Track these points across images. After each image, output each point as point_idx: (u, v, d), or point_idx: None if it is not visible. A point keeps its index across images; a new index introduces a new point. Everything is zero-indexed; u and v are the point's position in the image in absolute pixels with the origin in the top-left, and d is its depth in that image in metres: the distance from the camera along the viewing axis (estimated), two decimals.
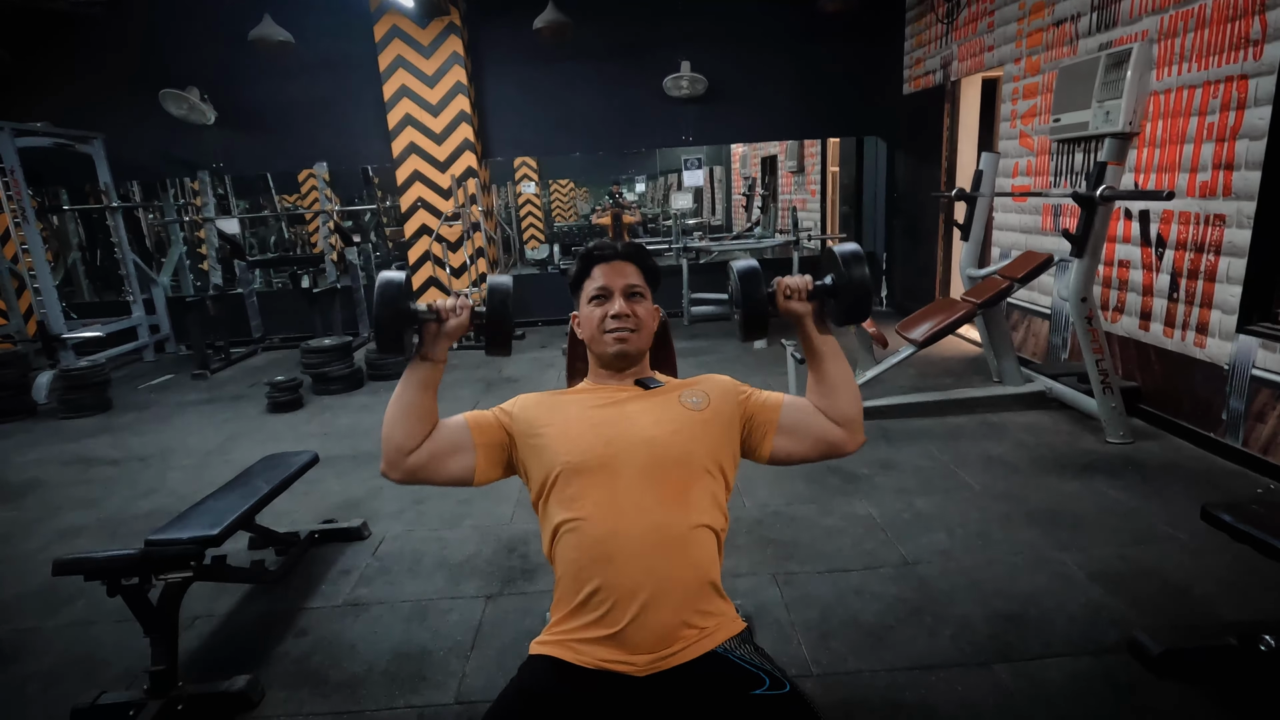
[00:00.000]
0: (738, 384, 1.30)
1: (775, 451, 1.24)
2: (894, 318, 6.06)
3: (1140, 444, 3.08)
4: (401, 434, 1.17)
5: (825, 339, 1.24)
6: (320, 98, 6.05)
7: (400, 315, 1.16)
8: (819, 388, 1.24)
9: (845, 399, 1.22)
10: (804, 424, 1.24)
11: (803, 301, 1.23)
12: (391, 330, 1.16)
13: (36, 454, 3.80)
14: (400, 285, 1.16)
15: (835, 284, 1.22)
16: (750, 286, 1.21)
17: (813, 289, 1.23)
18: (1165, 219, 3.15)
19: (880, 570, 2.22)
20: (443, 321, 1.19)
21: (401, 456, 1.17)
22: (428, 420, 1.19)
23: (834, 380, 1.22)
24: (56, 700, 1.81)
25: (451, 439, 1.20)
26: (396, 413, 1.18)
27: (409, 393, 1.19)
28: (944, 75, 5.20)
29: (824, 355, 1.23)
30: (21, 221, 4.83)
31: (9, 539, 2.78)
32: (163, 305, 6.21)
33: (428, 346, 1.20)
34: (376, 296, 1.14)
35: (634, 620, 1.07)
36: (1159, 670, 1.69)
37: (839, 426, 1.22)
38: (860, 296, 1.19)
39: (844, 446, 1.22)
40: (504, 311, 1.19)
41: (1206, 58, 2.88)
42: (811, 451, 1.23)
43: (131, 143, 5.96)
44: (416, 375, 1.20)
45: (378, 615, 2.14)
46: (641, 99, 6.18)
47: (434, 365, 1.21)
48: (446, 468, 1.20)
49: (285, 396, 4.31)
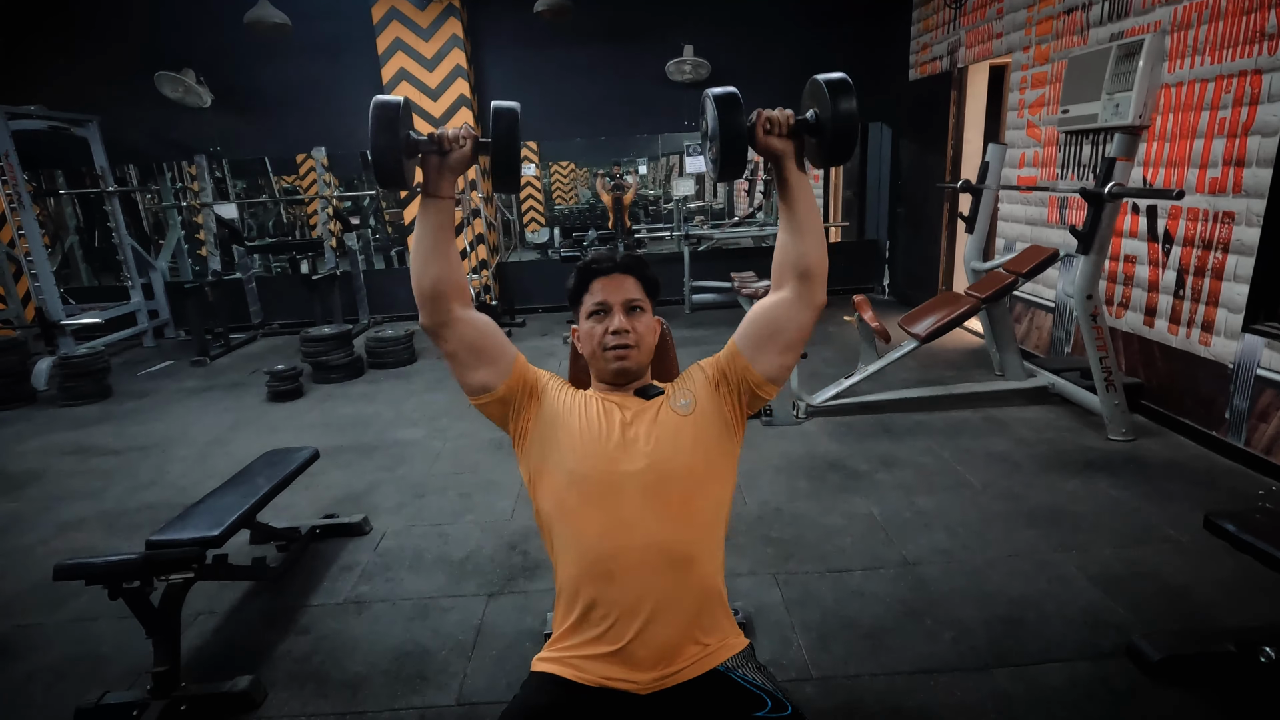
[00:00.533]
0: (705, 364, 1.27)
1: (766, 374, 1.20)
2: (896, 306, 6.04)
3: (1142, 441, 3.08)
4: (430, 279, 1.13)
5: (800, 179, 1.17)
6: (318, 81, 5.96)
7: (398, 144, 1.06)
8: (789, 227, 1.17)
9: (813, 244, 1.16)
10: (759, 331, 1.19)
11: (783, 138, 1.14)
12: (390, 160, 1.06)
13: (37, 443, 3.80)
14: (398, 109, 1.06)
15: (819, 119, 1.11)
16: (730, 115, 1.10)
17: (794, 124, 1.14)
18: (1173, 215, 3.12)
19: (881, 571, 2.23)
20: (445, 153, 1.11)
21: (433, 301, 1.14)
22: (452, 262, 1.15)
23: (804, 223, 1.16)
24: (60, 699, 1.82)
25: (494, 347, 1.19)
26: (417, 258, 1.14)
27: (425, 235, 1.13)
28: (951, 62, 5.12)
29: (798, 197, 1.16)
30: (17, 206, 4.79)
31: (11, 531, 2.79)
32: (161, 290, 6.18)
33: (432, 182, 1.13)
34: (372, 122, 1.04)
35: (636, 637, 1.07)
36: (1158, 676, 1.70)
37: (797, 281, 1.16)
38: (845, 134, 1.09)
39: (806, 307, 1.17)
40: (511, 139, 1.09)
41: (1220, 51, 2.83)
42: (788, 341, 1.19)
43: (127, 126, 5.89)
44: (428, 216, 1.13)
45: (379, 613, 2.14)
46: (644, 83, 6.10)
47: (441, 202, 1.14)
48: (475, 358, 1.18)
49: (285, 386, 4.30)
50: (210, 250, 6.28)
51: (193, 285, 5.52)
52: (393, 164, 1.07)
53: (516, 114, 1.10)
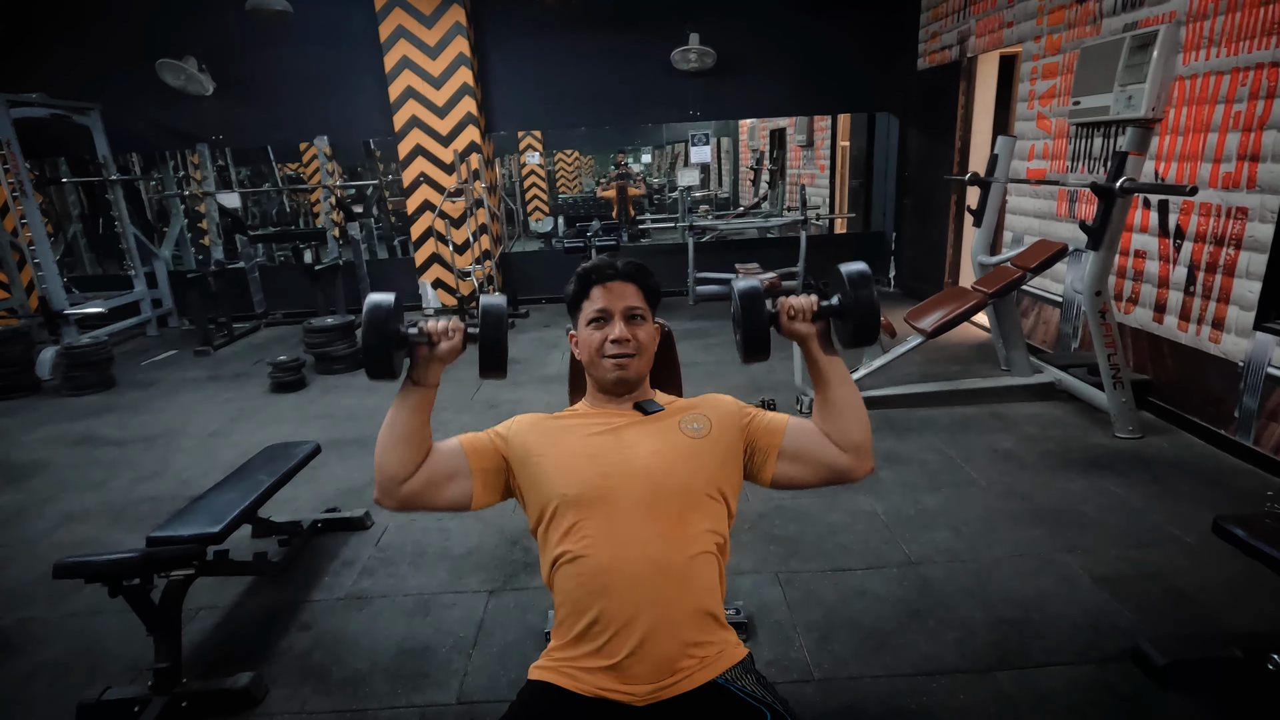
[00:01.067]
0: (741, 406, 1.26)
1: (778, 477, 1.21)
2: (901, 299, 5.99)
3: (1149, 439, 3.05)
4: (395, 462, 1.14)
5: (831, 361, 1.19)
6: (320, 69, 5.92)
7: (390, 339, 1.11)
8: (824, 411, 1.20)
9: (853, 424, 1.17)
10: (808, 449, 1.20)
11: (807, 323, 1.18)
12: (381, 355, 1.12)
13: (42, 433, 3.81)
14: (389, 309, 1.11)
15: (842, 305, 1.17)
16: (752, 308, 1.16)
17: (818, 309, 1.18)
18: (1185, 210, 3.07)
19: (884, 570, 2.21)
20: (434, 345, 1.15)
21: (396, 485, 1.15)
22: (421, 447, 1.16)
23: (841, 405, 1.18)
24: (63, 694, 1.82)
25: (447, 465, 1.18)
26: (388, 440, 1.15)
27: (401, 419, 1.15)
28: (960, 51, 5.05)
29: (830, 378, 1.19)
30: (20, 194, 4.77)
31: (14, 523, 2.80)
32: (164, 279, 6.18)
33: (419, 371, 1.16)
34: (364, 321, 1.10)
35: (633, 653, 1.05)
36: (1162, 681, 1.68)
37: (845, 453, 1.18)
38: (868, 318, 1.14)
39: (850, 474, 1.19)
40: (498, 335, 1.15)
41: (1236, 43, 2.77)
42: (815, 478, 1.20)
43: (129, 114, 5.86)
44: (408, 401, 1.16)
45: (380, 609, 2.14)
46: (648, 72, 6.04)
47: (425, 390, 1.17)
48: (443, 495, 1.17)
49: (288, 377, 4.30)
50: (213, 239, 6.27)
51: (196, 275, 5.51)
52: (384, 359, 1.12)
53: (504, 312, 1.17)
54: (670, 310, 6.06)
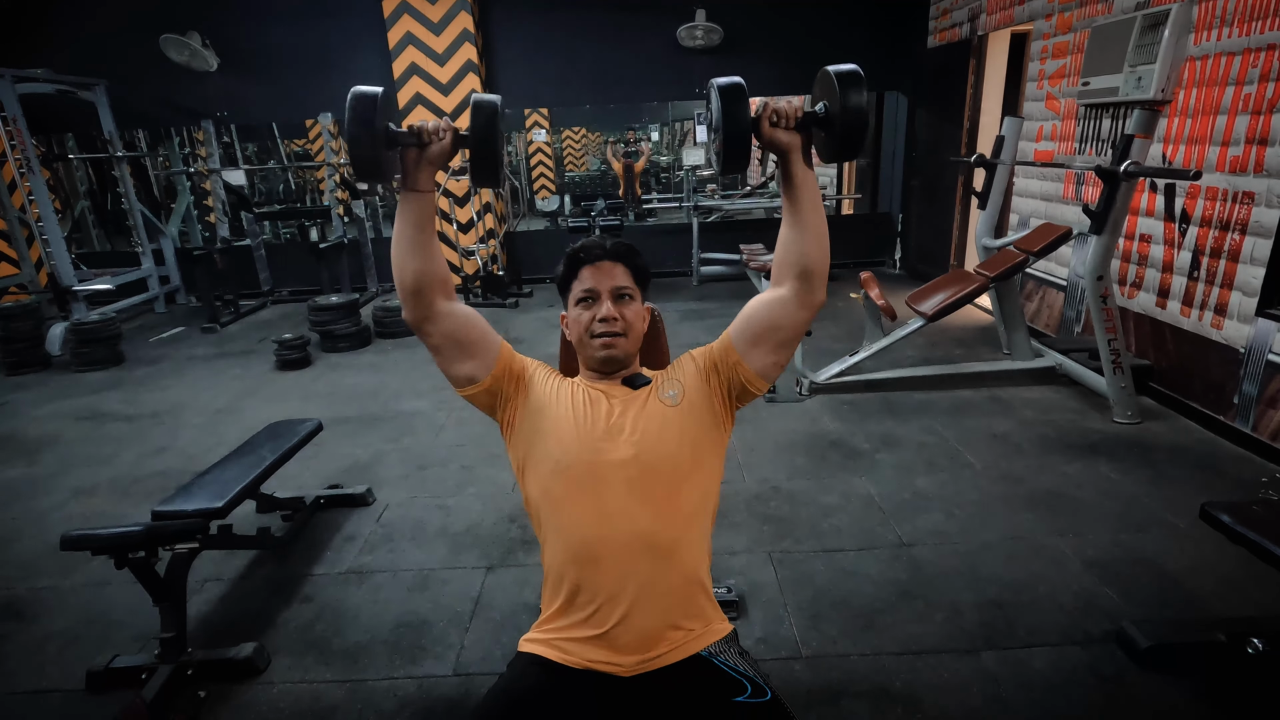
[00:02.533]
0: (697, 354, 1.26)
1: (758, 370, 1.19)
2: (907, 281, 5.96)
3: (1148, 424, 3.05)
4: (410, 271, 1.13)
5: (807, 176, 1.12)
6: (324, 45, 5.88)
7: (376, 136, 1.04)
8: (791, 224, 1.14)
9: (814, 247, 1.13)
10: (756, 327, 1.18)
11: (790, 131, 1.10)
12: (368, 153, 1.04)
13: (52, 408, 3.87)
14: (375, 100, 1.03)
15: (829, 112, 1.07)
16: (734, 106, 1.05)
17: (802, 117, 1.10)
18: (1191, 193, 3.04)
19: (876, 551, 2.24)
20: (424, 145, 1.09)
21: (416, 296, 1.13)
22: (429, 253, 1.14)
23: (807, 221, 1.13)
24: (73, 661, 1.88)
25: (479, 338, 1.19)
26: (397, 251, 1.13)
27: (405, 229, 1.12)
28: (971, 29, 4.96)
29: (803, 195, 1.12)
30: (26, 170, 4.80)
31: (26, 496, 2.86)
32: (172, 256, 6.22)
33: (411, 175, 1.11)
34: (348, 115, 1.02)
35: (620, 623, 1.09)
36: (1145, 663, 1.71)
37: (796, 281, 1.14)
38: (855, 129, 1.05)
39: (804, 305, 1.15)
40: (491, 132, 1.07)
41: (1249, 23, 2.72)
42: (784, 337, 1.17)
43: (135, 89, 5.86)
44: (407, 210, 1.12)
45: (380, 583, 2.19)
46: (655, 49, 5.97)
47: (422, 196, 1.12)
48: (460, 351, 1.18)
49: (293, 354, 4.34)
50: (219, 217, 6.29)
51: (202, 252, 5.54)
52: (370, 156, 1.04)
53: (497, 107, 1.08)
54: (674, 291, 6.06)
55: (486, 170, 1.10)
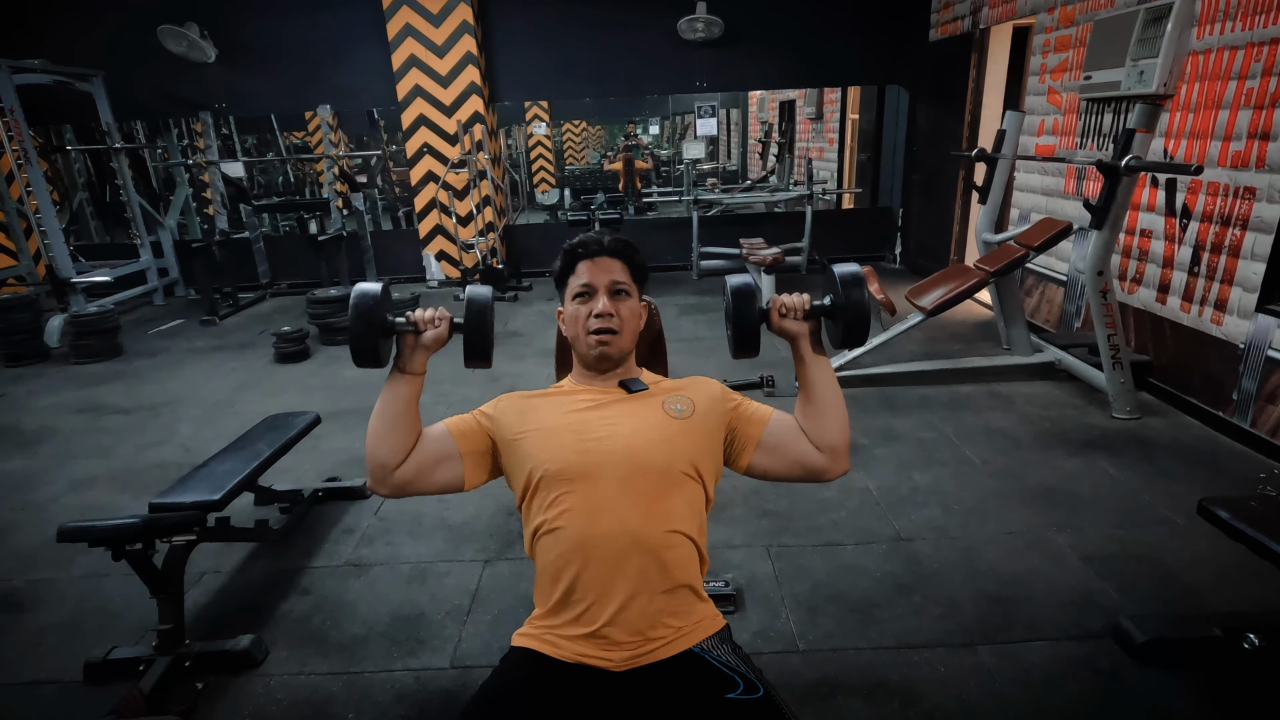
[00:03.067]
0: (727, 392, 1.27)
1: (753, 466, 1.24)
2: (906, 276, 5.96)
3: (1147, 420, 3.05)
4: (386, 450, 1.16)
5: (818, 360, 1.20)
6: (323, 37, 5.85)
7: (376, 328, 1.13)
8: (806, 409, 1.21)
9: (832, 425, 1.19)
10: (785, 445, 1.22)
11: (798, 321, 1.19)
12: (368, 343, 1.13)
13: (50, 400, 3.87)
14: (376, 298, 1.13)
15: (834, 305, 1.18)
16: (744, 304, 1.18)
17: (809, 309, 1.20)
18: (1193, 189, 3.03)
19: (873, 546, 2.24)
20: (420, 333, 1.16)
21: (388, 473, 1.17)
22: (411, 433, 1.18)
23: (823, 404, 1.19)
24: (72, 652, 1.88)
25: (436, 449, 1.20)
26: (379, 428, 1.17)
27: (390, 408, 1.17)
28: (973, 22, 4.94)
29: (815, 378, 1.20)
30: (24, 162, 4.78)
31: (25, 487, 2.86)
32: (170, 248, 6.20)
33: (405, 359, 1.18)
34: (351, 310, 1.12)
35: (611, 620, 1.09)
36: (1141, 658, 1.71)
37: (821, 453, 1.20)
38: (858, 320, 1.15)
39: (823, 474, 1.21)
40: (483, 324, 1.16)
41: (1252, 17, 2.70)
42: (789, 473, 1.22)
43: (133, 81, 5.83)
44: (396, 390, 1.17)
45: (378, 576, 2.19)
46: (655, 42, 5.94)
47: (413, 378, 1.18)
48: (434, 478, 1.19)
49: (292, 347, 4.34)
50: (218, 209, 6.27)
51: (201, 244, 5.53)
52: (371, 347, 1.14)
53: (490, 302, 1.18)
54: (674, 285, 6.05)
55: (478, 354, 1.19)
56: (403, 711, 1.67)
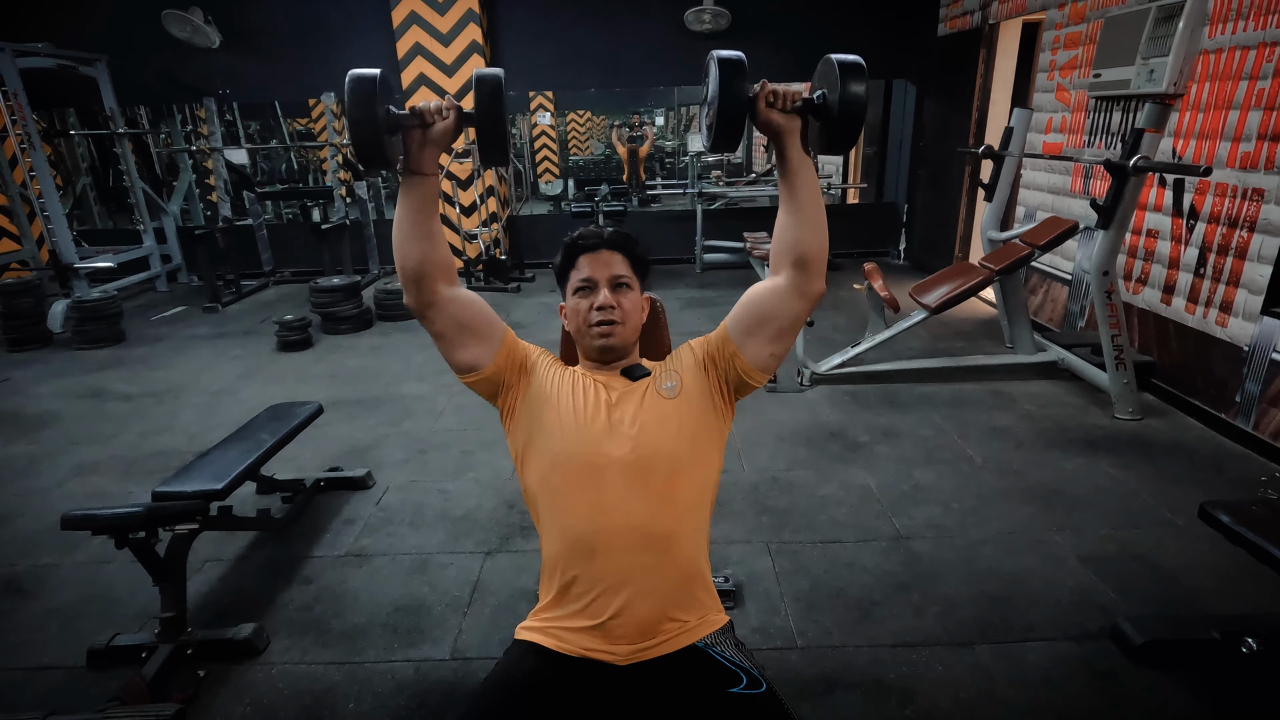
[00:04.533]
0: (695, 344, 1.25)
1: (755, 362, 1.17)
2: (911, 273, 5.94)
3: (1149, 421, 3.05)
4: (413, 256, 1.10)
5: (804, 161, 1.10)
6: (327, 23, 5.82)
7: (377, 120, 1.00)
8: (787, 218, 1.13)
9: (811, 234, 1.11)
10: (751, 317, 1.16)
11: (786, 114, 1.08)
12: (369, 137, 1.00)
13: (53, 385, 3.88)
14: (374, 83, 0.99)
15: (826, 100, 1.05)
16: (732, 80, 1.02)
17: (800, 102, 1.08)
18: (1200, 189, 3.01)
19: (873, 543, 2.25)
20: (427, 126, 1.06)
21: (418, 283, 1.11)
22: (432, 238, 1.11)
23: (805, 210, 1.11)
24: (75, 638, 1.90)
25: (482, 324, 1.17)
26: (400, 236, 1.11)
27: (408, 214, 1.10)
28: (982, 17, 4.90)
29: (799, 181, 1.10)
30: (28, 146, 4.77)
31: (29, 473, 2.87)
32: (173, 235, 6.20)
33: (414, 158, 1.08)
34: (347, 100, 0.99)
35: (617, 614, 1.09)
36: (1139, 659, 1.72)
37: (794, 270, 1.12)
38: (852, 120, 1.03)
39: (801, 297, 1.13)
40: (496, 108, 1.03)
41: (1265, 16, 2.68)
42: (781, 326, 1.15)
43: (136, 65, 5.81)
44: (411, 193, 1.09)
45: (379, 566, 2.20)
46: (661, 33, 5.91)
47: (426, 179, 1.09)
48: (463, 336, 1.16)
49: (295, 336, 4.34)
50: (221, 196, 6.26)
51: (204, 231, 5.52)
52: (372, 141, 1.00)
53: (501, 81, 1.04)
54: (677, 278, 6.04)
55: (494, 147, 1.06)
56: (403, 701, 1.68)
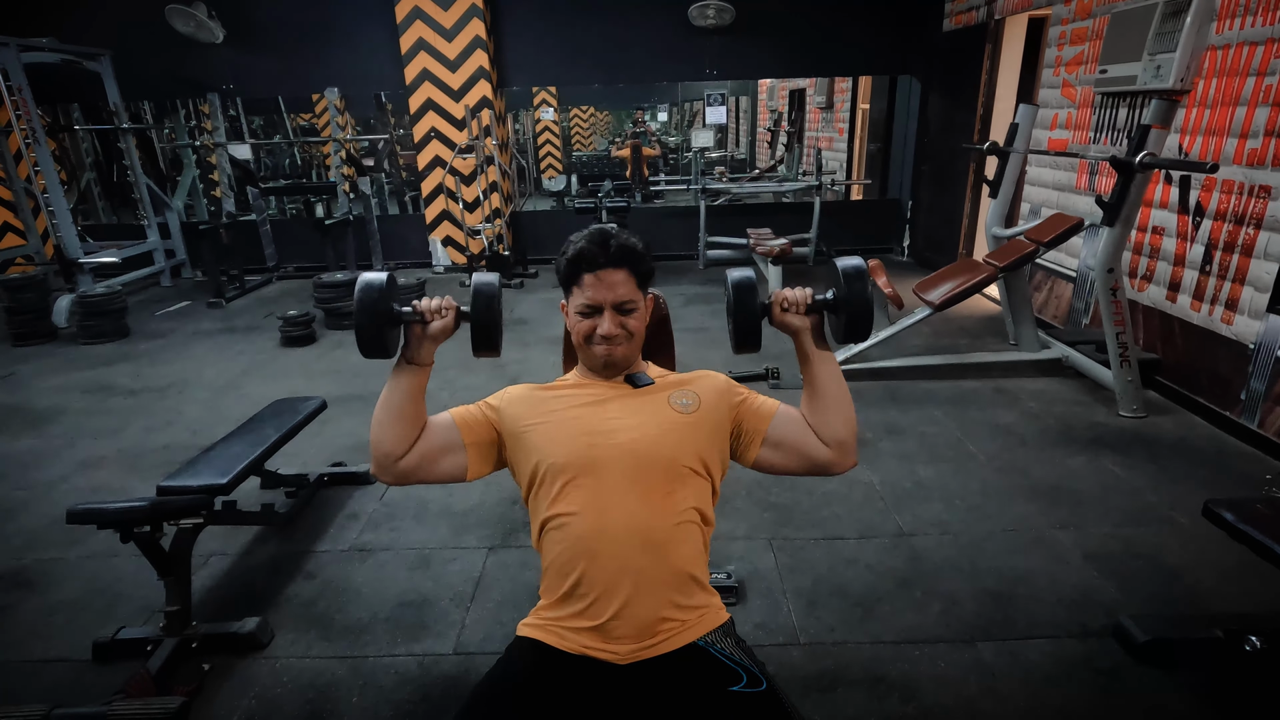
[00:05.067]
0: (733, 386, 1.27)
1: (759, 460, 1.24)
2: (914, 269, 5.92)
3: (1153, 419, 3.04)
4: (391, 440, 1.16)
5: (822, 355, 1.21)
6: (331, 18, 5.82)
7: (382, 318, 1.13)
8: (811, 404, 1.21)
9: (838, 420, 1.19)
10: (792, 439, 1.22)
11: (800, 315, 1.20)
12: (374, 334, 1.13)
13: (58, 380, 3.89)
14: (381, 288, 1.12)
15: (836, 299, 1.18)
16: (745, 298, 1.18)
17: (811, 303, 1.20)
18: (1207, 186, 2.99)
19: (875, 540, 2.25)
20: (427, 323, 1.16)
21: (392, 461, 1.17)
22: (416, 423, 1.18)
23: (827, 399, 1.19)
24: (79, 631, 1.91)
25: (441, 439, 1.20)
26: (384, 417, 1.17)
27: (395, 398, 1.17)
28: (987, 13, 4.87)
29: (819, 372, 1.20)
30: (32, 141, 4.78)
31: (34, 467, 2.89)
32: (177, 230, 6.20)
33: (412, 350, 1.17)
34: (356, 301, 1.12)
35: (616, 615, 1.09)
36: (1142, 658, 1.72)
37: (828, 448, 1.20)
38: (861, 314, 1.15)
39: (830, 468, 1.21)
40: (491, 313, 1.16)
41: (1273, 12, 2.66)
42: (796, 467, 1.23)
43: (140, 61, 5.81)
44: (402, 380, 1.17)
45: (383, 561, 2.21)
46: (665, 28, 5.89)
47: (419, 369, 1.18)
48: (438, 468, 1.20)
49: (298, 331, 4.35)
50: (225, 191, 6.27)
51: (208, 226, 5.53)
52: (377, 337, 1.14)
53: (497, 290, 1.17)
54: (680, 274, 6.03)
55: (487, 344, 1.19)
56: (406, 696, 1.69)
